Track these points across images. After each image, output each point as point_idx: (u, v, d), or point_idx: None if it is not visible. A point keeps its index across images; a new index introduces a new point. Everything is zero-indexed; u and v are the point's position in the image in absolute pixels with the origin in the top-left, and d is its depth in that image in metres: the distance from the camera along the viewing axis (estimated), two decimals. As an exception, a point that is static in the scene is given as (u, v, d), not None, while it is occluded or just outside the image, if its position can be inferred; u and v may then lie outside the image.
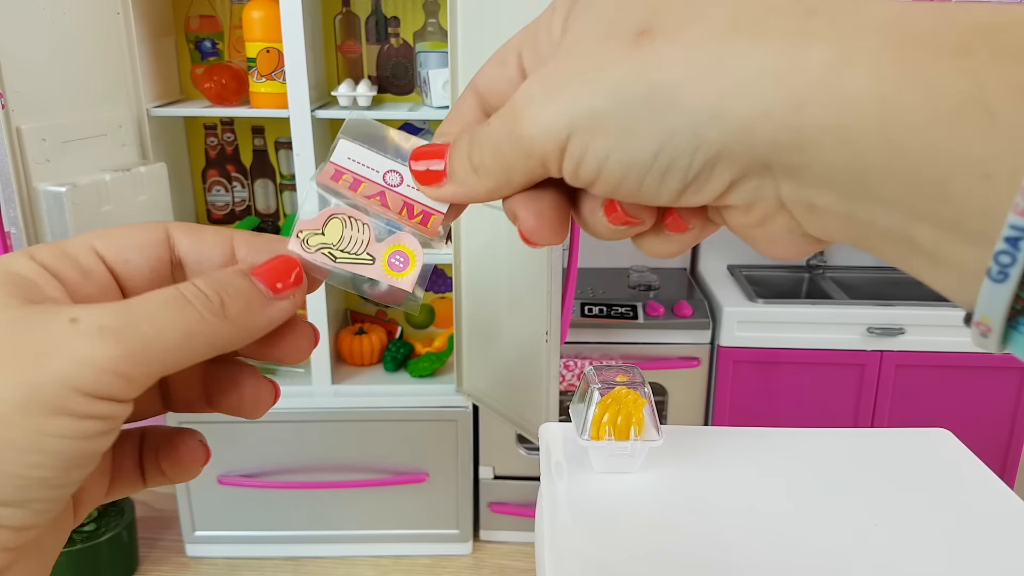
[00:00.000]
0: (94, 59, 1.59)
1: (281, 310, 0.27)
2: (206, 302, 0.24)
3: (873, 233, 0.22)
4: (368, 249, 0.29)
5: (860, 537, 0.82)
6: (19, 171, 1.39)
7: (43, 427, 0.21)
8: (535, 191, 0.28)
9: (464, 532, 2.03)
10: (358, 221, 0.29)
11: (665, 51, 0.22)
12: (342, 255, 0.29)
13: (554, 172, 0.25)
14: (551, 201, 0.28)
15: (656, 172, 0.23)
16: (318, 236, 0.29)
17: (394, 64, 1.92)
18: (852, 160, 0.20)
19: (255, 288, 0.26)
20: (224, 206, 2.06)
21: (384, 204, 0.29)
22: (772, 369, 2.00)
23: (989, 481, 0.93)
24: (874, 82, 0.20)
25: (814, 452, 0.99)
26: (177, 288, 0.24)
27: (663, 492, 0.90)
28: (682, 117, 0.22)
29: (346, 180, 0.29)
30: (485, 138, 0.27)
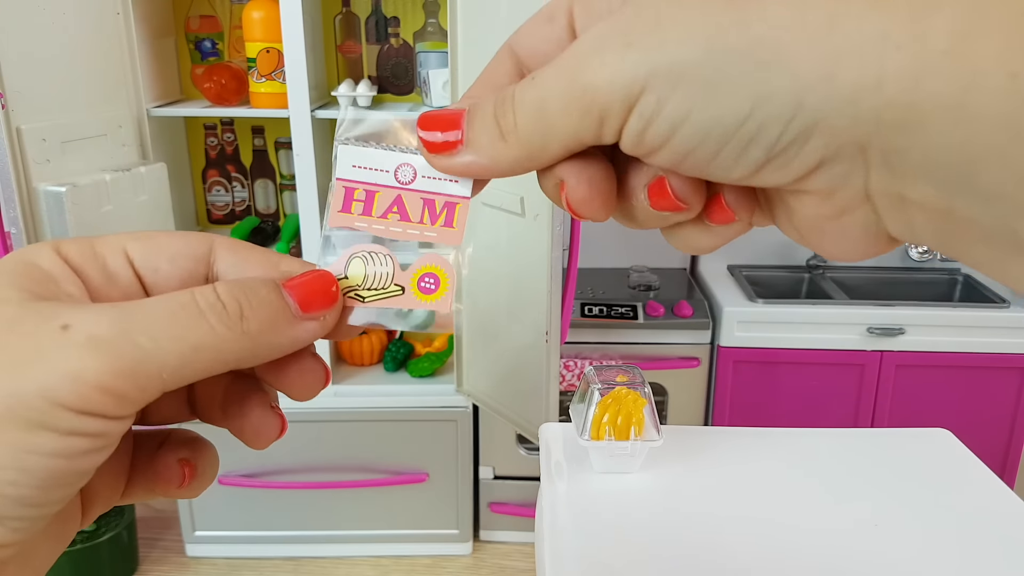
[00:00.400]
0: (94, 59, 1.59)
1: (307, 331, 0.24)
2: (221, 313, 0.22)
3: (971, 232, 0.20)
4: (395, 280, 0.28)
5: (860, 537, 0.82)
6: (19, 171, 1.39)
7: (22, 442, 0.19)
8: (583, 157, 0.24)
9: (464, 532, 2.03)
10: (379, 255, 0.27)
11: (772, 5, 0.20)
12: (369, 293, 0.27)
13: (609, 135, 0.22)
14: (602, 170, 0.25)
15: (740, 139, 0.21)
16: (342, 281, 0.27)
17: (394, 64, 1.92)
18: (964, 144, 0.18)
19: (282, 302, 0.24)
20: (224, 206, 2.06)
21: (404, 216, 0.27)
22: (772, 369, 2.00)
23: (989, 481, 0.93)
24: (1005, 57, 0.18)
25: (814, 452, 0.99)
26: (191, 293, 0.22)
27: (663, 492, 0.90)
28: (784, 78, 0.20)
29: (359, 201, 0.27)
30: (523, 95, 0.23)
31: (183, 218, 1.93)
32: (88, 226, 1.47)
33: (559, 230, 1.46)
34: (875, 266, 2.28)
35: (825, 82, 0.19)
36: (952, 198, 0.19)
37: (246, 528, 2.00)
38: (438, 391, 1.91)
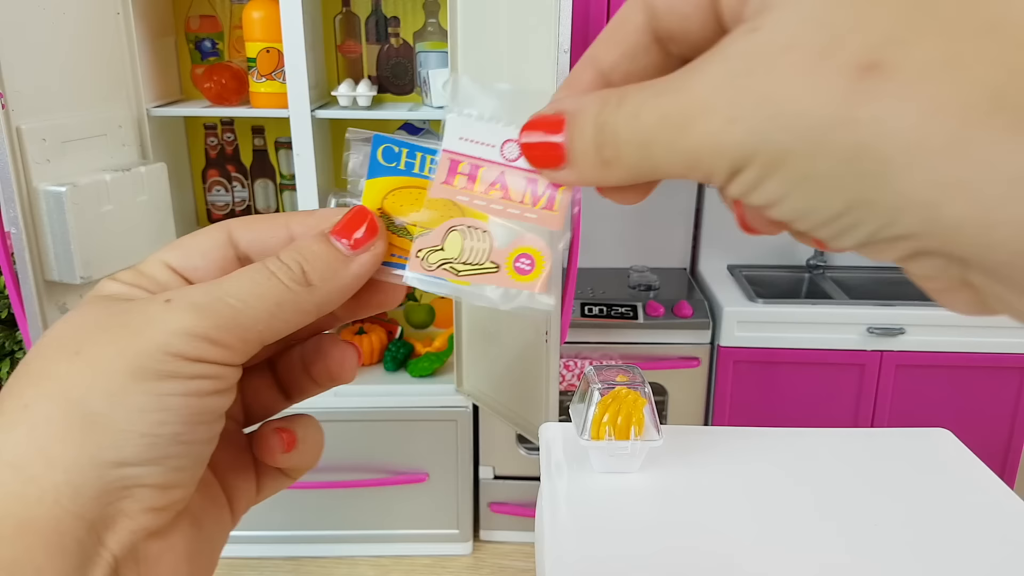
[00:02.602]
0: (94, 59, 1.59)
1: (363, 264, 0.27)
2: (288, 272, 0.26)
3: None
4: (491, 257, 0.27)
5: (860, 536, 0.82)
6: (19, 171, 1.39)
7: (158, 389, 0.23)
8: None
9: (464, 532, 2.03)
10: (477, 230, 0.27)
11: (892, 108, 0.17)
12: (464, 267, 0.27)
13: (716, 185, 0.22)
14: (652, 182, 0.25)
15: (833, 228, 0.20)
16: (437, 252, 0.27)
17: (394, 64, 1.92)
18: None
19: (333, 249, 0.27)
20: (224, 206, 2.06)
21: (505, 194, 0.27)
22: (772, 369, 2.00)
23: (989, 481, 0.93)
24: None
25: (814, 452, 0.99)
26: (263, 263, 0.26)
27: (663, 492, 0.90)
28: (883, 195, 0.18)
29: (462, 175, 0.27)
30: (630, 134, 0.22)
31: (183, 218, 1.93)
32: (88, 226, 1.47)
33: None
34: (875, 266, 2.28)
35: (926, 209, 0.18)
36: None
37: (246, 528, 2.00)
38: (438, 391, 1.91)
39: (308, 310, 0.26)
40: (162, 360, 0.23)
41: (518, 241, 0.27)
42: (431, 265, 0.27)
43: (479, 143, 0.27)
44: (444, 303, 2.14)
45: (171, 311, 0.24)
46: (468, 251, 0.27)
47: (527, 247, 0.27)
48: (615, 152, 0.23)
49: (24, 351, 1.73)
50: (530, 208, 0.27)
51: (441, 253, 0.27)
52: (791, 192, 0.20)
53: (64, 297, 1.51)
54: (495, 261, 0.27)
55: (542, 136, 0.25)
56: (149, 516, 0.24)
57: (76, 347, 0.24)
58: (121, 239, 1.57)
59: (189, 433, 0.24)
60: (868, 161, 0.18)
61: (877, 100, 0.18)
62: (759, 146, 0.20)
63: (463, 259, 0.27)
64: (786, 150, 0.19)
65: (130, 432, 0.23)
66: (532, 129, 0.25)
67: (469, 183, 0.27)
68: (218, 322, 0.24)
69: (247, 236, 0.29)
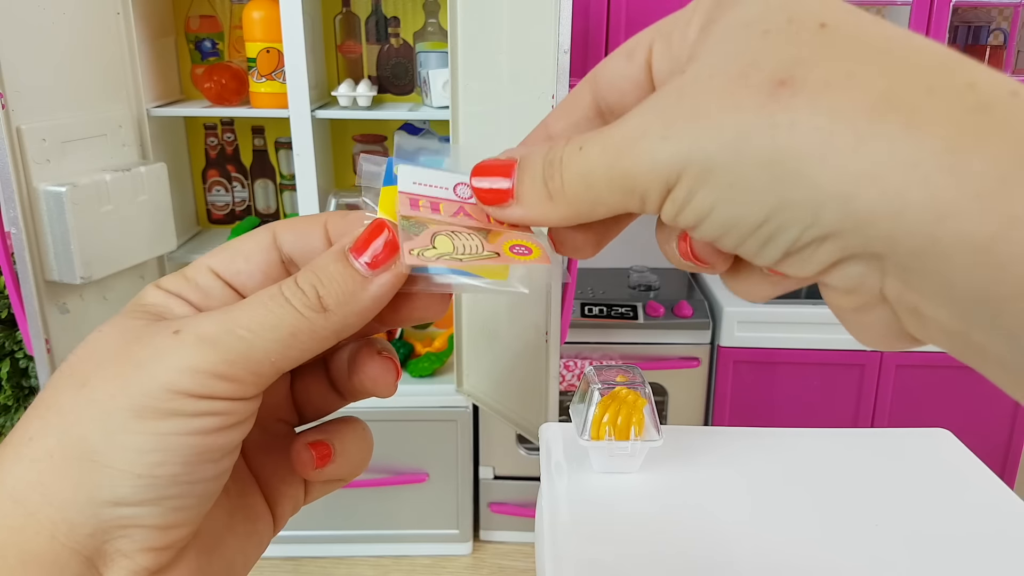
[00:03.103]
0: (94, 59, 1.59)
1: (381, 286, 0.26)
2: (302, 299, 0.25)
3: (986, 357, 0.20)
4: (486, 249, 0.27)
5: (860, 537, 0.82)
6: (19, 171, 1.39)
7: (158, 428, 0.23)
8: None
9: (464, 532, 2.03)
10: (463, 232, 0.27)
11: (803, 113, 0.20)
12: (466, 256, 0.27)
13: (651, 211, 0.24)
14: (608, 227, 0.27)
15: (759, 237, 0.22)
16: (432, 250, 0.26)
17: (394, 64, 1.92)
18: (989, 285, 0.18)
19: (350, 270, 0.26)
20: (224, 206, 2.06)
21: (472, 219, 0.28)
22: (772, 369, 2.00)
23: (989, 481, 0.93)
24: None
25: (814, 452, 0.99)
26: (279, 287, 0.25)
27: (663, 492, 0.90)
28: (802, 192, 0.20)
29: (424, 205, 0.28)
30: (571, 165, 0.24)
31: (183, 218, 1.93)
32: (89, 226, 1.47)
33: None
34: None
35: (842, 201, 0.19)
36: (969, 327, 0.19)
37: (246, 528, 2.00)
38: (438, 391, 1.91)
39: (325, 336, 0.25)
40: (166, 398, 0.23)
41: (507, 237, 0.28)
42: (429, 259, 0.26)
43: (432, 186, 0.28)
44: (444, 303, 2.14)
45: (179, 345, 0.24)
46: (461, 247, 0.27)
47: (517, 240, 0.28)
48: (559, 184, 0.24)
49: (24, 351, 1.73)
50: (499, 225, 0.28)
51: (435, 251, 0.26)
52: (718, 203, 0.21)
53: (64, 297, 1.51)
54: (492, 251, 0.27)
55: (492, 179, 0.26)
56: (148, 556, 0.24)
57: (84, 378, 0.24)
58: (121, 239, 1.57)
59: (190, 474, 0.23)
60: (786, 162, 0.20)
61: (790, 108, 0.20)
62: (689, 156, 0.21)
63: (458, 254, 0.27)
64: (713, 159, 0.21)
65: (127, 472, 0.23)
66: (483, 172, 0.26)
67: (433, 213, 0.28)
68: (228, 356, 0.23)
69: (289, 237, 0.29)
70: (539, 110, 1.37)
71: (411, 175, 0.28)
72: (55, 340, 1.48)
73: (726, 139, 0.21)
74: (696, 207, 0.22)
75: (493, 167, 0.26)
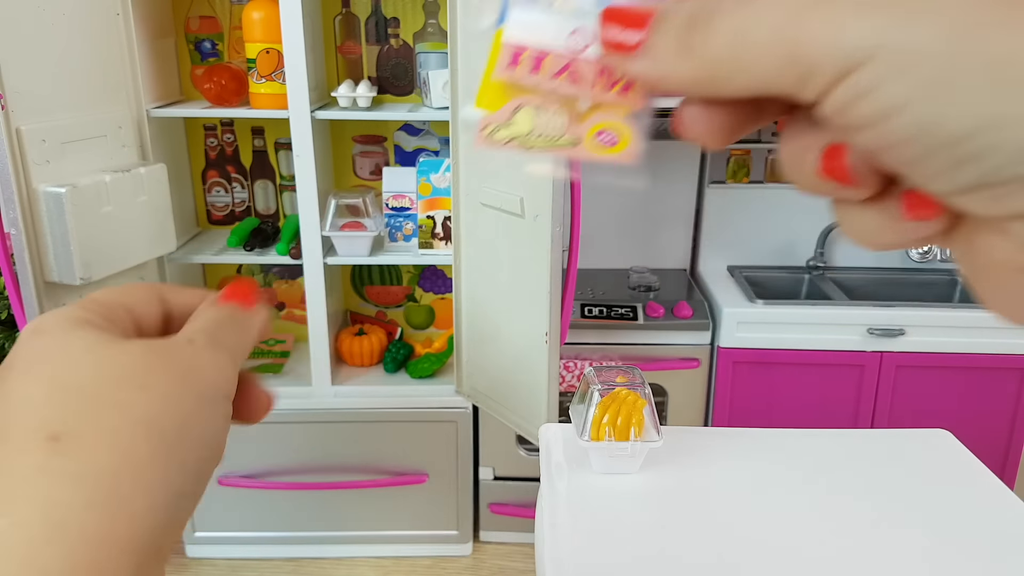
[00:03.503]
0: (94, 60, 1.59)
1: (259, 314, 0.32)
2: None
3: None
4: (567, 132, 0.25)
5: (860, 537, 0.82)
6: (19, 172, 1.39)
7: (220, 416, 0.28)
8: None
9: (464, 533, 2.03)
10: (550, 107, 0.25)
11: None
12: (538, 142, 0.25)
13: (807, 95, 0.19)
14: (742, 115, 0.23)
15: (955, 155, 0.18)
16: (506, 129, 0.25)
17: (394, 65, 1.92)
18: None
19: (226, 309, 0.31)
20: (224, 207, 2.06)
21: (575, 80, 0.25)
22: (772, 370, 2.00)
23: (989, 481, 0.93)
24: None
25: (814, 453, 0.99)
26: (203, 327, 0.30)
27: (663, 492, 0.90)
28: None
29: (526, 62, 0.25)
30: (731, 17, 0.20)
31: (183, 219, 1.93)
32: (89, 227, 1.47)
33: (559, 231, 1.46)
34: (875, 267, 2.28)
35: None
36: None
37: (246, 529, 2.00)
38: (438, 392, 1.91)
39: None
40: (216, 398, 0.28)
41: (596, 118, 0.25)
42: (498, 141, 0.25)
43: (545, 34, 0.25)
44: (444, 304, 2.14)
45: (203, 351, 0.28)
46: (541, 127, 0.25)
47: (607, 122, 0.25)
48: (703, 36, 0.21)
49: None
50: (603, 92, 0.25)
51: (510, 130, 0.25)
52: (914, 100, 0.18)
53: (64, 298, 1.51)
54: (572, 136, 0.25)
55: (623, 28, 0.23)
56: None
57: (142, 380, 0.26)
58: (121, 240, 1.57)
59: None
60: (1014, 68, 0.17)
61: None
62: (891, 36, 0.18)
63: (536, 135, 0.25)
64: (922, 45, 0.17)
65: None
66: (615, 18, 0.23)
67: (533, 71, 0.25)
68: (234, 361, 0.30)
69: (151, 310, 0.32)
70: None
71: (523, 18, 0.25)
72: (55, 341, 1.48)
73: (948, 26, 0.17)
74: (883, 99, 0.18)
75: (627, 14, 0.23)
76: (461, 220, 1.69)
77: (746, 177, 2.24)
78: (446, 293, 2.14)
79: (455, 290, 1.77)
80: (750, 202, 2.24)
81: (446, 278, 2.13)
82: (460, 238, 1.71)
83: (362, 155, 2.02)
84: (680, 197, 2.27)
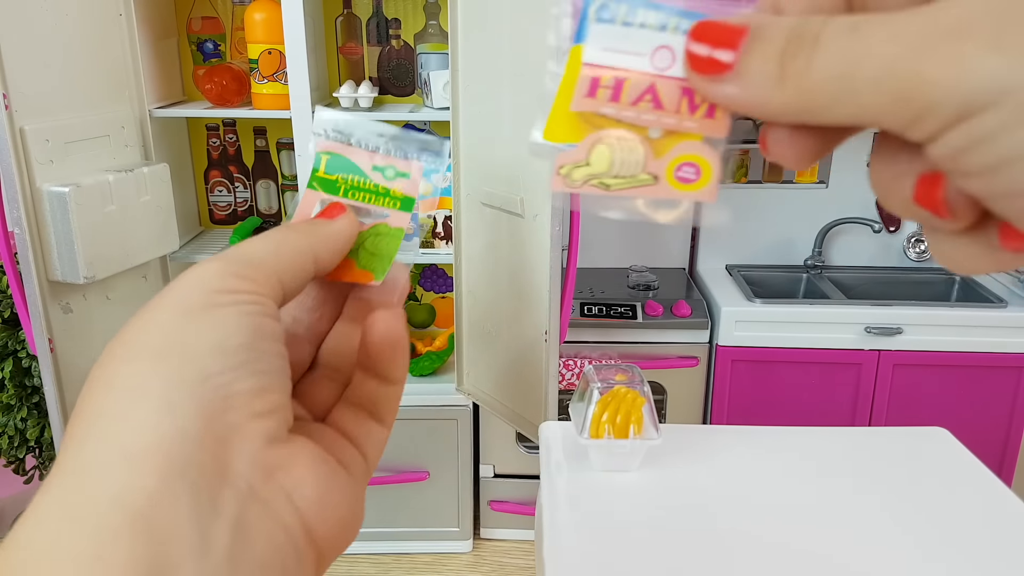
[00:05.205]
0: (97, 60, 1.60)
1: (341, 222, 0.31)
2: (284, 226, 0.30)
3: None
4: (647, 168, 0.24)
5: (858, 535, 0.83)
6: (23, 171, 1.40)
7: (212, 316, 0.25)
8: None
9: (464, 530, 2.04)
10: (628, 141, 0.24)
11: None
12: (616, 181, 0.24)
13: (916, 135, 0.18)
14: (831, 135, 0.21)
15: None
16: (583, 168, 0.24)
17: (395, 66, 1.93)
18: None
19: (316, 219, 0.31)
20: (226, 206, 2.07)
21: (657, 104, 0.23)
22: (770, 368, 2.01)
23: (986, 479, 0.94)
24: None
25: (812, 451, 1.00)
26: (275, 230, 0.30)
27: (662, 490, 0.91)
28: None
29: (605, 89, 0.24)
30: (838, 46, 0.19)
31: (185, 218, 1.94)
32: (92, 226, 1.48)
33: (558, 230, 1.47)
34: (873, 266, 2.29)
35: None
36: None
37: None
38: (438, 390, 1.92)
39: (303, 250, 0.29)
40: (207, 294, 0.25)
41: (677, 150, 0.24)
42: (576, 182, 0.24)
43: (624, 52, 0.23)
44: (445, 303, 2.15)
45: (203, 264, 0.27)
46: (619, 164, 0.24)
47: (689, 155, 0.24)
48: (803, 65, 0.19)
49: (27, 351, 1.74)
50: (687, 116, 0.23)
51: (587, 168, 0.24)
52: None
53: (67, 297, 1.52)
54: (652, 172, 0.24)
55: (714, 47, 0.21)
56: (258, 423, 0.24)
57: None
58: (124, 239, 1.58)
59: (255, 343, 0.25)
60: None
61: None
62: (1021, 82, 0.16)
63: (613, 173, 0.24)
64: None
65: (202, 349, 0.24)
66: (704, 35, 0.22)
67: (613, 97, 0.24)
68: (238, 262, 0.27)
69: None
70: (539, 111, 1.38)
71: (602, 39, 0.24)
72: (58, 340, 1.49)
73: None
74: (1005, 148, 0.17)
75: (719, 31, 0.21)
76: (462, 220, 1.70)
77: (744, 177, 2.25)
78: (447, 292, 2.15)
79: (455, 289, 1.78)
80: (748, 201, 2.25)
81: (447, 277, 2.14)
82: (460, 238, 1.72)
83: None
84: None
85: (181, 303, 0.25)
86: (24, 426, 1.76)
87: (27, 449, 1.80)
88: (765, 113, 0.21)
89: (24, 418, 1.76)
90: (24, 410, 1.76)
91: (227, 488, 0.23)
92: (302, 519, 0.25)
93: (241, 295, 0.26)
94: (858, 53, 0.18)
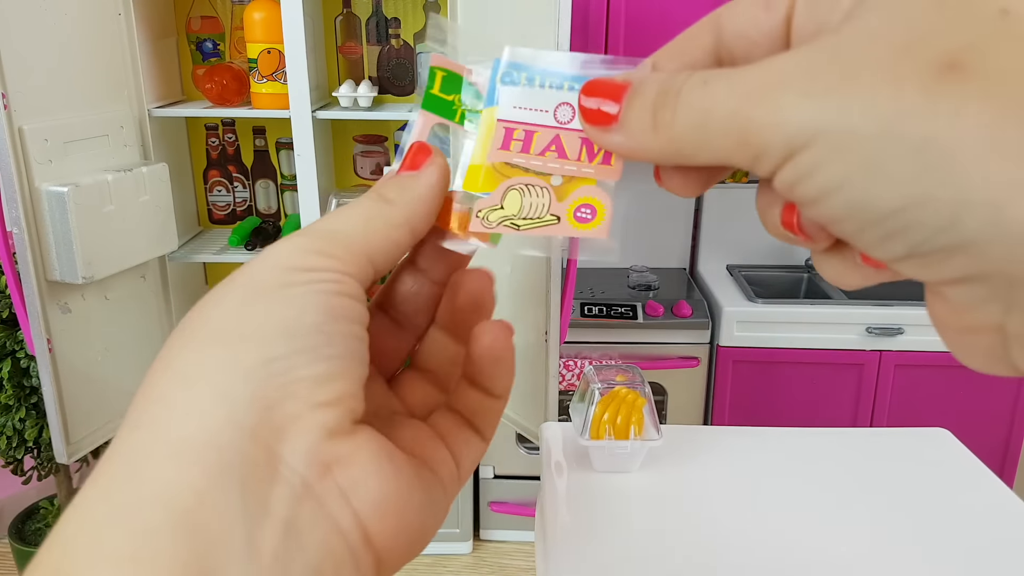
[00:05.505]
0: (96, 60, 1.59)
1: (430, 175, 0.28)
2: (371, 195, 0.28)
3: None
4: (551, 210, 0.28)
5: (858, 535, 0.83)
6: (21, 171, 1.39)
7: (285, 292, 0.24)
8: None
9: (464, 531, 2.04)
10: (535, 187, 0.28)
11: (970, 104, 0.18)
12: (525, 222, 0.28)
13: (761, 171, 0.22)
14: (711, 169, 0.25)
15: (884, 229, 0.19)
16: (497, 211, 0.28)
17: (395, 65, 1.92)
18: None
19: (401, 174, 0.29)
20: (225, 206, 2.07)
21: (561, 153, 0.27)
22: (771, 369, 2.00)
23: (988, 480, 0.93)
24: None
25: (813, 452, 0.99)
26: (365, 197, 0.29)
27: (662, 491, 0.90)
28: (948, 190, 0.18)
29: (517, 140, 0.28)
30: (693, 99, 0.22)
31: (184, 218, 1.94)
32: (91, 226, 1.47)
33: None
34: (874, 266, 2.28)
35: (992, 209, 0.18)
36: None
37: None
38: (438, 391, 1.92)
39: (398, 223, 0.27)
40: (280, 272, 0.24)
41: (577, 194, 0.28)
42: (492, 223, 0.28)
43: (531, 109, 0.27)
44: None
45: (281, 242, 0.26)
46: (528, 207, 0.28)
47: (586, 198, 0.28)
48: (670, 117, 0.23)
49: (25, 351, 1.73)
50: (586, 164, 0.27)
51: (501, 211, 0.28)
52: (849, 180, 0.19)
53: (66, 297, 1.52)
54: (555, 213, 0.28)
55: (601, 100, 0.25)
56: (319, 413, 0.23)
57: None
58: (123, 239, 1.57)
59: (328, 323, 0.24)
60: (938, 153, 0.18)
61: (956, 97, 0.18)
62: (829, 122, 0.19)
63: (523, 215, 0.28)
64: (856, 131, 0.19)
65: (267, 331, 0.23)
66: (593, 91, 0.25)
67: (524, 148, 0.28)
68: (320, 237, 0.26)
69: None
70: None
71: (514, 98, 0.28)
72: (57, 340, 1.49)
73: (877, 113, 0.19)
74: (821, 181, 0.20)
75: (605, 87, 0.25)
76: (462, 220, 1.69)
77: (745, 177, 2.25)
78: (446, 292, 2.15)
79: (456, 289, 1.77)
80: (749, 201, 2.24)
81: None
82: (461, 237, 1.71)
83: (363, 155, 2.03)
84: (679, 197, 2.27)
85: (251, 282, 0.24)
86: (22, 427, 1.76)
87: (25, 450, 1.80)
88: (647, 157, 0.24)
89: (22, 419, 1.76)
90: (22, 410, 1.76)
91: (279, 485, 0.22)
92: (359, 521, 0.23)
93: (319, 273, 0.25)
94: (707, 105, 0.22)
